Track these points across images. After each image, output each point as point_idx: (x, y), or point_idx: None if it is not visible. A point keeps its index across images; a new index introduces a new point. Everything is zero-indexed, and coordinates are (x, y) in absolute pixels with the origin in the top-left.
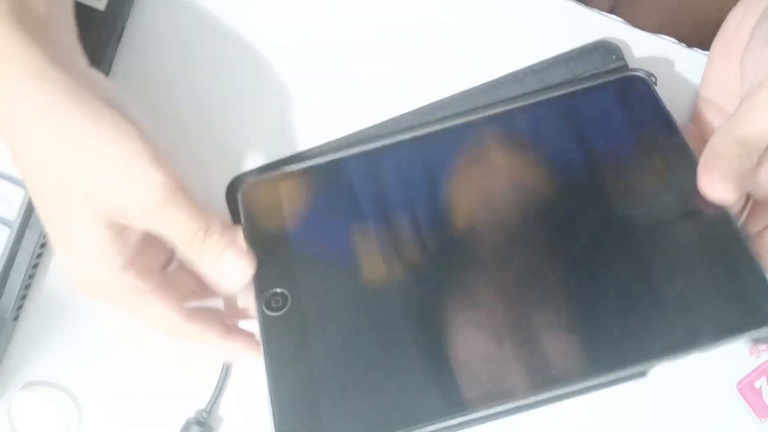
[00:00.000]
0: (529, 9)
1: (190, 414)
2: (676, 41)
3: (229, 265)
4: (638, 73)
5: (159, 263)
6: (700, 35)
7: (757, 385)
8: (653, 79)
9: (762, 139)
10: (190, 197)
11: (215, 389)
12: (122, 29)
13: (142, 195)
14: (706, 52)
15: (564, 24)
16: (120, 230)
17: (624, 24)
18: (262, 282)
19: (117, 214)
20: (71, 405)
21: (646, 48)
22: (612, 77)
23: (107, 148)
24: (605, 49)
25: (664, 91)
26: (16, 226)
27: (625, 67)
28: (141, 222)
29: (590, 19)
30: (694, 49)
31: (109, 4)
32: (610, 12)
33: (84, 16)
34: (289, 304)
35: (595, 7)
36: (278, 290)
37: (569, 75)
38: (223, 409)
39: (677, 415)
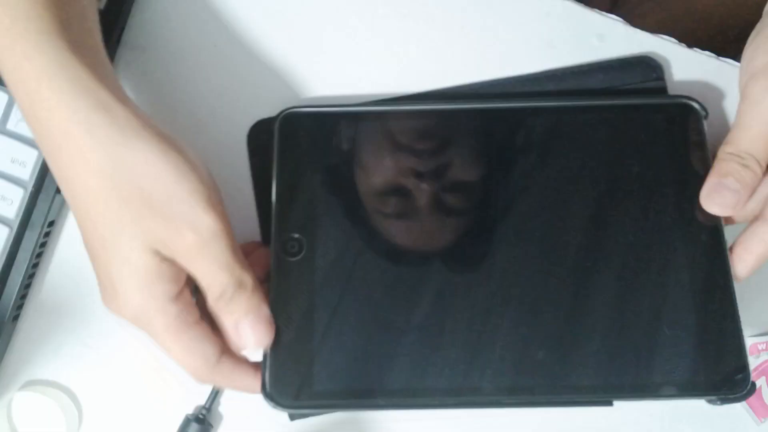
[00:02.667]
0: (529, 9)
1: (189, 410)
2: (676, 41)
3: (248, 331)
4: (694, 105)
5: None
6: (700, 35)
7: (756, 385)
8: (705, 113)
9: (756, 147)
10: (232, 246)
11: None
12: (122, 29)
13: (186, 235)
14: (706, 52)
15: (564, 24)
16: (171, 264)
17: (624, 24)
18: (282, 223)
19: (165, 247)
20: (71, 404)
21: (646, 48)
22: (669, 100)
23: (165, 182)
24: (648, 65)
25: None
26: (16, 226)
27: (664, 88)
28: (183, 260)
29: (590, 18)
30: (694, 49)
31: (109, 4)
32: (610, 12)
33: None
34: (304, 251)
35: (595, 7)
36: (296, 236)
37: (607, 84)
38: (223, 406)
39: (677, 415)
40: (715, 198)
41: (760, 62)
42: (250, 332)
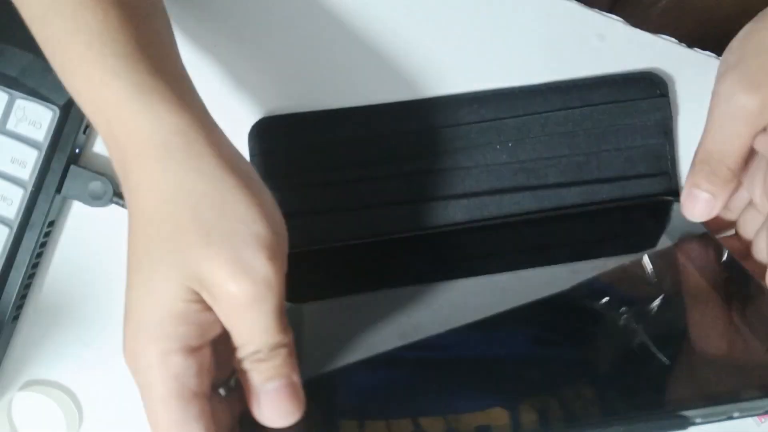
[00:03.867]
0: (529, 9)
1: None
2: (676, 41)
3: (274, 397)
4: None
5: (214, 379)
6: (700, 35)
7: None
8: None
9: (726, 150)
10: (280, 306)
11: None
12: None
13: (238, 281)
14: (706, 52)
15: (564, 24)
16: (205, 309)
17: (624, 24)
18: None
19: (205, 288)
20: (71, 404)
21: (646, 48)
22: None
23: (232, 220)
24: (651, 81)
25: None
26: (16, 226)
27: (669, 120)
28: (223, 310)
29: (590, 18)
30: (695, 49)
31: None
32: (610, 12)
33: None
34: None
35: (595, 7)
36: None
37: (609, 98)
38: None
39: None
40: (688, 207)
41: (732, 59)
42: (276, 400)
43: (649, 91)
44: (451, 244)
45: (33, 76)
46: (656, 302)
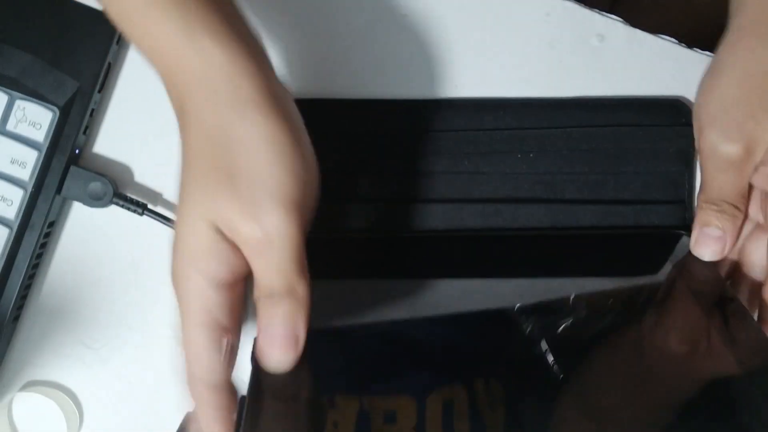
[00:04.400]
0: (529, 9)
1: (190, 409)
2: (676, 41)
3: (272, 341)
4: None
5: (241, 313)
6: (700, 35)
7: None
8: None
9: (725, 194)
10: (296, 255)
11: None
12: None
13: (254, 227)
14: (706, 53)
15: (564, 24)
16: (234, 248)
17: (624, 24)
18: None
19: (230, 230)
20: (71, 404)
21: (646, 48)
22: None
23: (261, 168)
24: (678, 110)
25: (663, 91)
26: (16, 226)
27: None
28: (246, 250)
29: (590, 18)
30: (695, 49)
31: None
32: (610, 12)
33: (84, 16)
34: None
35: (595, 7)
36: None
37: (635, 121)
38: None
39: None
40: (702, 247)
41: (704, 117)
42: (273, 344)
43: (675, 118)
44: (456, 247)
45: (33, 76)
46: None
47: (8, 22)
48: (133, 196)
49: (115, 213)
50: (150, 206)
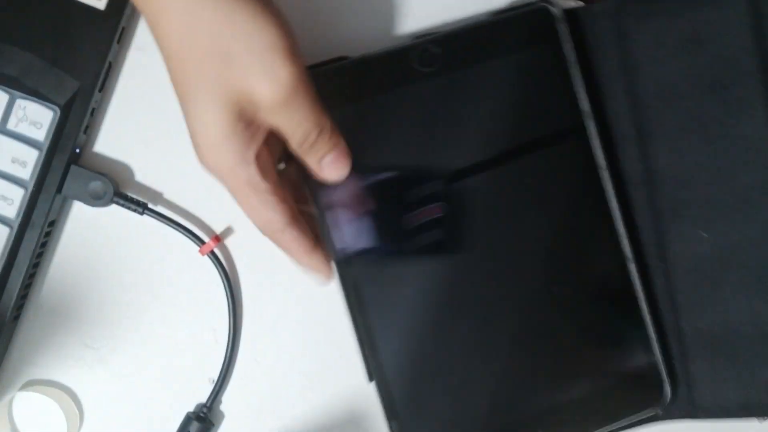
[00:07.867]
0: None
1: (191, 409)
2: None
3: (330, 167)
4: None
5: (275, 161)
6: None
7: None
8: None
9: None
10: (312, 94)
11: (216, 384)
12: (122, 29)
13: (268, 88)
14: None
15: None
16: (248, 123)
17: None
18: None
19: (244, 102)
20: (72, 404)
21: None
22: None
23: (243, 37)
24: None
25: None
26: (16, 225)
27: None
28: (264, 114)
29: None
30: None
31: (109, 4)
32: None
33: (84, 16)
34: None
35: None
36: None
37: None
38: (224, 404)
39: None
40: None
41: None
42: (333, 167)
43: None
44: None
45: (33, 75)
46: None
47: (9, 21)
48: (134, 196)
49: (116, 212)
50: (150, 205)
